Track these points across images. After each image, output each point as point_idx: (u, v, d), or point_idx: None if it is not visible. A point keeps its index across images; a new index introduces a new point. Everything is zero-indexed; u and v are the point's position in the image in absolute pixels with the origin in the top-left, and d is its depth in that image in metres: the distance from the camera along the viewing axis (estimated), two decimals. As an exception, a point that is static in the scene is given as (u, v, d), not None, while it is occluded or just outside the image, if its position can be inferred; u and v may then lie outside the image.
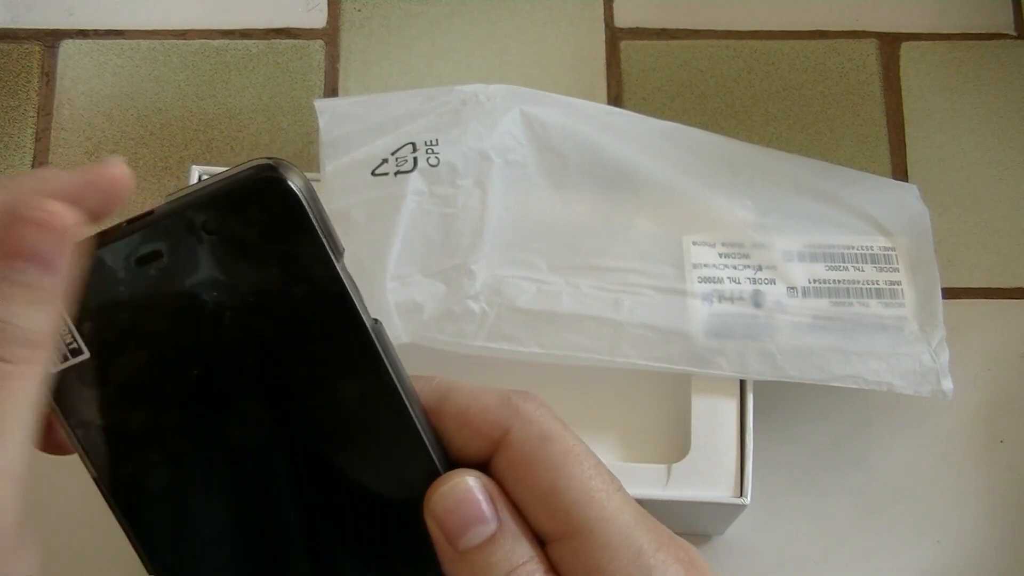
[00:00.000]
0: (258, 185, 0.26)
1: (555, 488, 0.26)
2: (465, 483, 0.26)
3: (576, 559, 0.26)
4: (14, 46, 0.59)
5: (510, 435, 0.26)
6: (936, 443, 0.52)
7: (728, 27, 0.60)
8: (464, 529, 0.26)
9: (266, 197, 0.26)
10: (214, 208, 0.26)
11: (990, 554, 0.50)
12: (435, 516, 0.26)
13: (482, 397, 0.27)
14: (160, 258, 0.26)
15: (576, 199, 0.49)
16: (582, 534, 0.26)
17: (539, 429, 0.26)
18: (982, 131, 0.58)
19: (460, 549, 0.26)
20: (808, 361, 0.46)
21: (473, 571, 0.26)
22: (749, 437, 0.45)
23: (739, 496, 0.45)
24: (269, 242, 0.26)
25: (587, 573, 0.25)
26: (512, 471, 0.26)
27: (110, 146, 0.57)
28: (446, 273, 0.46)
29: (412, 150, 0.47)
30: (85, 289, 0.26)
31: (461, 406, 0.27)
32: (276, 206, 0.26)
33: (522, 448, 0.26)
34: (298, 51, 0.59)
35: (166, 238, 0.26)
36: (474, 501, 0.26)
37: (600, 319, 0.46)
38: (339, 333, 0.26)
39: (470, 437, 0.27)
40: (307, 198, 0.26)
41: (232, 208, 0.26)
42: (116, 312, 0.26)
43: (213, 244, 0.26)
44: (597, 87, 0.59)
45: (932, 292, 0.49)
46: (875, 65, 0.59)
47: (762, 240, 0.49)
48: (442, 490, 0.26)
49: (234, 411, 0.26)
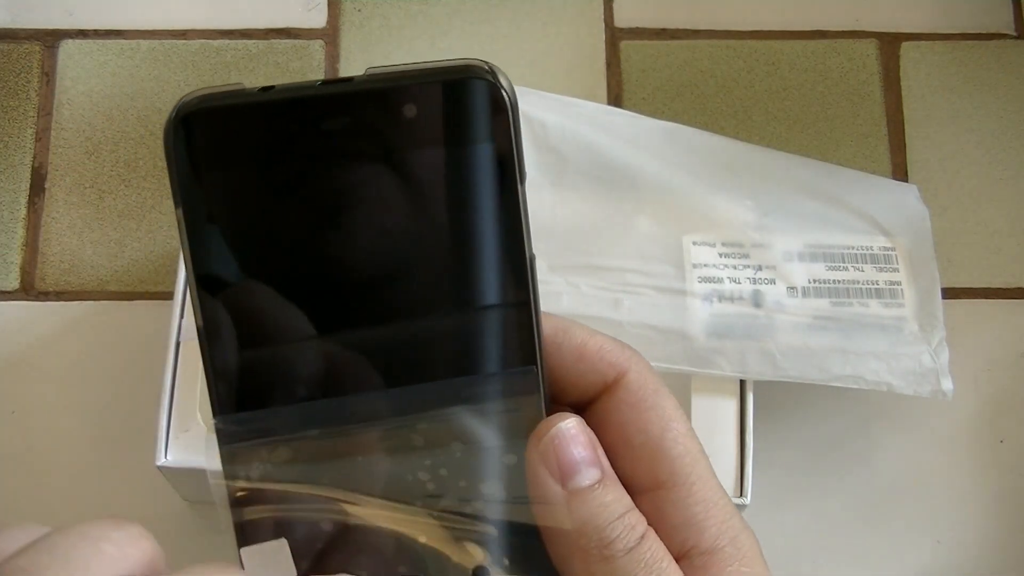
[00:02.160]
0: (471, 84, 0.25)
1: (664, 438, 0.26)
2: (577, 424, 0.26)
3: (673, 511, 0.26)
4: (14, 46, 0.59)
5: (627, 377, 0.27)
6: (936, 443, 0.52)
7: (728, 27, 0.60)
8: (575, 469, 0.26)
9: (476, 95, 0.25)
10: (420, 92, 0.25)
11: (990, 554, 0.50)
12: (543, 453, 0.26)
13: (600, 338, 0.27)
14: (345, 125, 0.25)
15: (576, 199, 0.49)
16: (686, 487, 0.26)
17: (653, 380, 0.27)
18: (982, 131, 0.58)
19: (570, 488, 0.25)
20: (808, 361, 0.46)
21: (587, 512, 0.25)
22: (749, 437, 0.45)
23: (739, 496, 0.45)
24: (465, 142, 0.25)
25: (683, 525, 0.26)
26: (624, 413, 0.27)
27: (110, 146, 0.57)
28: (446, 273, 0.46)
29: (412, 150, 0.47)
30: (261, 133, 0.25)
31: (580, 342, 0.27)
32: (483, 107, 0.25)
33: (638, 393, 0.27)
34: (298, 51, 0.59)
35: (360, 111, 0.25)
36: (585, 444, 0.26)
37: (600, 319, 0.46)
38: (504, 251, 0.26)
39: (585, 372, 0.27)
40: (513, 108, 0.25)
41: (438, 96, 0.25)
42: (283, 171, 0.25)
43: (408, 128, 0.25)
44: (597, 87, 0.59)
45: (932, 292, 0.49)
46: (875, 65, 0.59)
47: (762, 240, 0.49)
48: (556, 429, 0.26)
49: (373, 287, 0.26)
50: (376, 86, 0.25)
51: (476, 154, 0.25)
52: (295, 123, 0.25)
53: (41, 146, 0.57)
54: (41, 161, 0.57)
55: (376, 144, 0.25)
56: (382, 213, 0.25)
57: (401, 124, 0.25)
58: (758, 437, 0.46)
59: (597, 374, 0.27)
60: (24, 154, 0.57)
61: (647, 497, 0.26)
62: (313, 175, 0.25)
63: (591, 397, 0.27)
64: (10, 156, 0.57)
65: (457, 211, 0.26)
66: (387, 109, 0.25)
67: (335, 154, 0.25)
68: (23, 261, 0.55)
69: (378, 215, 0.25)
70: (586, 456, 0.26)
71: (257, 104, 0.25)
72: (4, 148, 0.57)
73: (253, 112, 0.25)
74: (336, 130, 0.25)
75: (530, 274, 0.26)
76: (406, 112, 0.25)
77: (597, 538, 0.25)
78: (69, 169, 0.56)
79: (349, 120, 0.25)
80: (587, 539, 0.25)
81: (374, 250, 0.26)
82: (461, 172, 0.25)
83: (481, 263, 0.26)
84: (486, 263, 0.26)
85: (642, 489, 0.26)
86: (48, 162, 0.56)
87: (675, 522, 0.26)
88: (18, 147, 0.57)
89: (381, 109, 0.25)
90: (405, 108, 0.25)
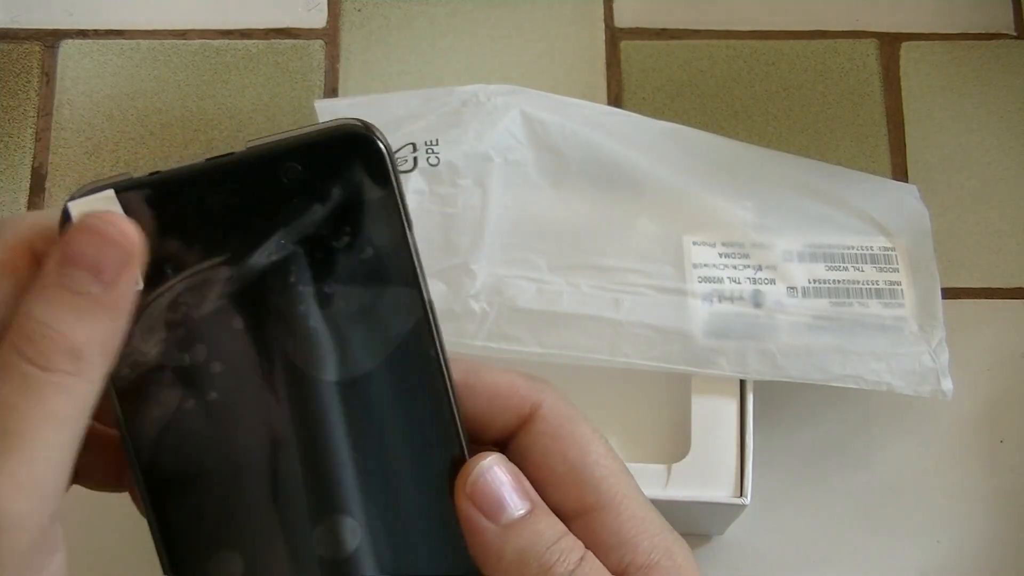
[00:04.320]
0: (347, 140, 0.26)
1: (585, 463, 0.27)
2: (499, 461, 0.27)
3: (604, 532, 0.26)
4: (14, 46, 0.59)
5: (541, 410, 0.27)
6: (936, 443, 0.52)
7: (728, 27, 0.60)
8: (504, 504, 0.26)
9: (353, 153, 0.25)
10: (298, 156, 0.25)
11: (990, 554, 0.50)
12: (472, 494, 0.26)
13: (510, 375, 0.28)
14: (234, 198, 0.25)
15: (576, 199, 0.49)
16: (612, 507, 0.26)
17: (566, 408, 0.28)
18: (982, 131, 0.58)
19: (503, 523, 0.26)
20: (808, 361, 0.46)
21: (522, 542, 0.26)
22: (749, 437, 0.45)
23: (739, 496, 0.45)
24: (347, 198, 0.26)
25: (617, 545, 0.26)
26: (543, 443, 0.27)
27: (110, 146, 0.57)
28: (446, 273, 0.46)
29: (412, 150, 0.47)
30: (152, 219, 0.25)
31: (492, 382, 0.28)
32: (361, 163, 0.26)
33: (553, 423, 0.27)
34: (298, 51, 0.59)
35: (244, 179, 0.25)
36: (509, 480, 0.27)
37: (600, 319, 0.46)
38: (398, 298, 0.26)
39: (500, 411, 0.28)
40: (391, 161, 0.26)
41: (316, 159, 0.25)
42: (179, 246, 0.25)
43: (290, 192, 0.25)
44: (597, 87, 0.59)
45: (932, 292, 0.49)
46: (875, 65, 0.59)
47: (762, 240, 0.49)
48: (479, 468, 0.27)
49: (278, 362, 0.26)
50: (257, 155, 0.26)
51: (362, 207, 0.26)
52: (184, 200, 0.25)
53: (41, 146, 0.57)
54: (41, 161, 0.57)
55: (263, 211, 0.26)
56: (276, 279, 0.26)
57: (285, 189, 0.25)
58: (758, 437, 0.46)
59: (512, 410, 0.28)
60: (24, 154, 0.57)
61: (579, 522, 0.27)
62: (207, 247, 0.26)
63: (510, 433, 0.28)
64: (10, 156, 0.57)
65: (350, 264, 0.26)
66: (270, 176, 0.25)
67: (226, 226, 0.26)
68: (23, 261, 0.55)
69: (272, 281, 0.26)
70: (512, 489, 0.26)
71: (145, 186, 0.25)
72: (4, 148, 0.57)
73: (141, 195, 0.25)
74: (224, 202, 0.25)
75: (432, 320, 0.27)
76: (289, 176, 0.25)
77: (537, 565, 0.26)
78: (69, 169, 0.56)
79: (236, 191, 0.25)
80: (528, 567, 0.26)
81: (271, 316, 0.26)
82: (350, 227, 0.26)
83: (379, 315, 0.26)
84: (384, 314, 0.26)
85: (573, 515, 0.27)
86: (48, 162, 0.57)
87: (610, 542, 0.26)
88: (18, 147, 0.57)
89: (264, 177, 0.25)
90: (287, 172, 0.25)
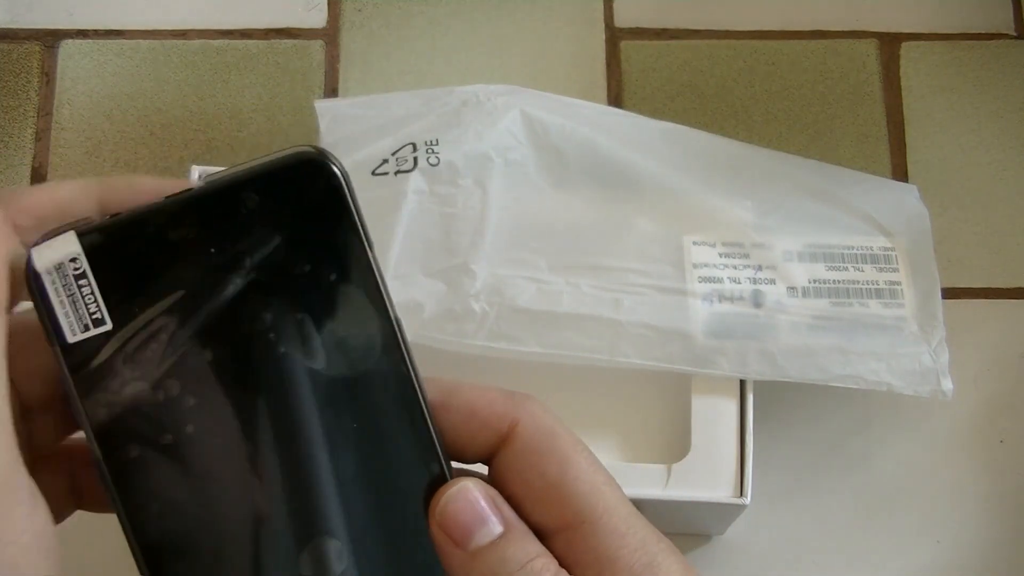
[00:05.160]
0: (301, 167, 0.26)
1: (565, 478, 0.26)
2: (468, 487, 0.27)
3: (585, 547, 0.26)
4: (14, 46, 0.59)
5: (519, 427, 0.27)
6: (936, 443, 0.52)
7: (728, 27, 0.60)
8: (471, 531, 0.26)
9: (308, 179, 0.26)
10: (255, 186, 0.26)
11: (990, 554, 0.50)
12: (440, 522, 0.26)
13: (488, 392, 0.28)
14: (195, 232, 0.26)
15: (576, 199, 0.49)
16: (591, 523, 0.26)
17: (546, 423, 0.27)
18: (982, 131, 0.58)
19: (470, 550, 0.26)
20: (808, 361, 0.46)
21: (487, 569, 0.26)
22: (749, 437, 0.45)
23: (739, 496, 0.45)
24: (306, 224, 0.26)
25: (596, 561, 0.26)
26: (521, 460, 0.27)
27: (110, 146, 0.57)
28: (447, 272, 0.46)
29: (412, 150, 0.47)
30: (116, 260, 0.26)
31: (468, 400, 0.28)
32: (317, 189, 0.26)
33: (531, 439, 0.27)
34: (298, 51, 0.59)
35: (204, 214, 0.26)
36: (478, 505, 0.26)
37: (600, 319, 0.46)
38: (364, 320, 0.27)
39: (477, 430, 0.27)
40: (347, 184, 0.26)
41: (273, 188, 0.26)
42: (145, 285, 0.26)
43: (250, 222, 0.26)
44: (597, 87, 0.59)
45: (932, 292, 0.49)
46: (875, 65, 0.59)
47: (762, 240, 0.49)
48: (446, 496, 0.27)
49: (250, 392, 0.26)
50: (213, 189, 0.26)
51: (322, 232, 0.26)
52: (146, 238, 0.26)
53: (41, 146, 0.57)
54: (41, 161, 0.57)
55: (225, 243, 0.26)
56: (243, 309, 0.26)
57: (245, 220, 0.26)
58: (758, 437, 0.46)
59: (491, 428, 0.27)
60: (24, 154, 0.57)
61: (560, 538, 0.27)
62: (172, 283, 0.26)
63: (491, 450, 0.28)
64: (10, 156, 0.57)
65: (314, 289, 0.26)
66: (229, 208, 0.26)
67: (189, 261, 0.26)
68: (23, 261, 0.55)
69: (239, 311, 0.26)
70: (481, 515, 0.26)
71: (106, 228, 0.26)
72: (4, 148, 0.57)
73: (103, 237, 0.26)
74: (185, 238, 0.26)
75: (400, 338, 0.27)
76: (247, 206, 0.26)
77: None
78: (69, 169, 0.56)
79: (196, 226, 0.26)
80: None
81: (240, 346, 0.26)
82: (311, 252, 0.26)
83: (347, 337, 0.27)
84: (352, 337, 0.27)
85: (554, 531, 0.27)
86: (48, 162, 0.56)
87: (588, 559, 0.26)
88: (18, 147, 0.57)
89: (223, 209, 0.26)
90: (246, 203, 0.26)
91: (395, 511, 0.27)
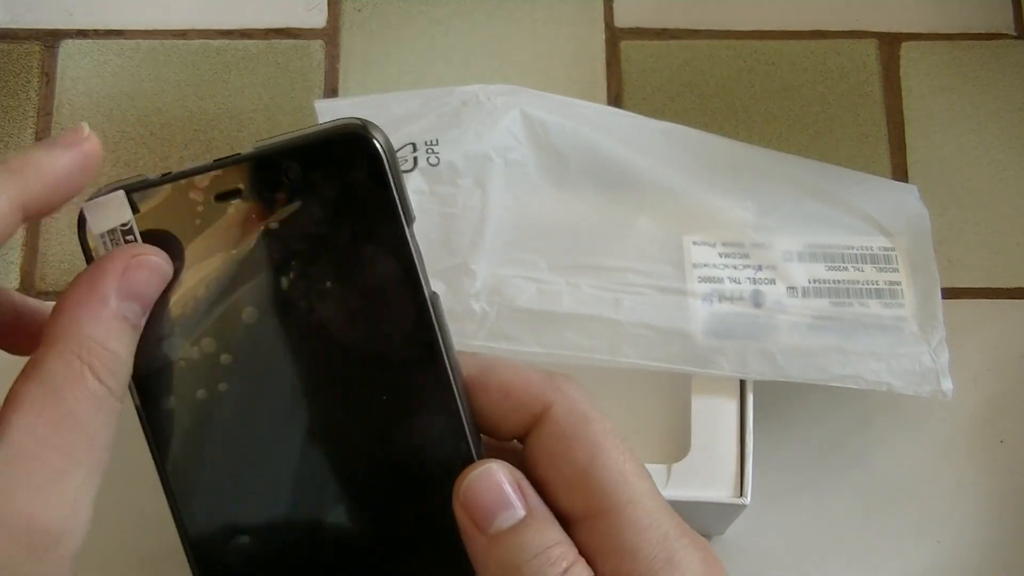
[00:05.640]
0: (345, 140, 0.26)
1: (592, 465, 0.26)
2: (493, 469, 0.27)
3: (606, 538, 0.26)
4: (14, 46, 0.59)
5: (552, 410, 0.27)
6: (936, 443, 0.52)
7: (728, 27, 0.60)
8: (492, 515, 0.26)
9: (351, 152, 0.26)
10: (300, 156, 0.26)
11: (990, 554, 0.50)
12: (463, 504, 0.26)
13: (526, 373, 0.28)
14: (239, 196, 0.26)
15: (576, 199, 0.49)
16: (614, 513, 0.26)
17: (580, 408, 0.27)
18: (982, 131, 0.58)
19: (491, 533, 0.26)
20: (808, 361, 0.46)
21: (506, 554, 0.26)
22: (749, 437, 0.45)
23: (739, 496, 0.45)
24: (347, 196, 0.27)
25: (616, 551, 0.26)
26: (551, 445, 0.27)
27: (110, 146, 0.57)
28: (446, 272, 0.46)
29: (412, 150, 0.47)
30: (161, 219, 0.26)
31: (505, 379, 0.28)
32: (360, 162, 0.26)
33: (564, 423, 0.27)
34: (298, 51, 0.59)
35: (249, 179, 0.27)
36: (503, 488, 0.26)
37: (600, 319, 0.46)
38: (398, 296, 0.27)
39: (511, 410, 0.27)
40: (389, 159, 0.26)
41: (317, 159, 0.26)
42: (187, 244, 0.27)
43: (292, 191, 0.26)
44: (597, 87, 0.59)
45: (932, 292, 0.49)
46: (875, 65, 0.59)
47: (762, 240, 0.49)
48: (470, 478, 0.27)
49: (283, 357, 0.27)
50: (260, 155, 0.27)
51: (361, 205, 0.27)
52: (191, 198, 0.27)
53: (41, 146, 0.57)
54: (41, 161, 0.56)
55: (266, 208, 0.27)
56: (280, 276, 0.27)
57: (287, 186, 0.27)
58: (758, 437, 0.46)
59: (524, 409, 0.27)
60: (24, 154, 0.57)
61: (584, 526, 0.27)
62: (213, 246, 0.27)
63: (524, 431, 0.28)
64: (10, 156, 0.57)
65: (351, 262, 0.27)
66: (273, 176, 0.27)
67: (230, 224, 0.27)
68: (23, 261, 0.55)
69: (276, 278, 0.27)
70: (505, 498, 0.26)
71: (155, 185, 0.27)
72: (4, 148, 0.57)
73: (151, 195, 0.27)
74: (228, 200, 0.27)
75: (433, 315, 0.27)
76: (290, 175, 0.26)
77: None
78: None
79: (242, 189, 0.27)
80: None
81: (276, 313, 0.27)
82: (349, 224, 0.27)
83: (380, 312, 0.27)
84: (385, 311, 0.27)
85: (579, 518, 0.27)
86: (48, 162, 0.56)
87: (608, 549, 0.26)
88: (18, 147, 0.57)
89: (267, 176, 0.27)
90: (289, 172, 0.26)
91: (420, 487, 0.27)
